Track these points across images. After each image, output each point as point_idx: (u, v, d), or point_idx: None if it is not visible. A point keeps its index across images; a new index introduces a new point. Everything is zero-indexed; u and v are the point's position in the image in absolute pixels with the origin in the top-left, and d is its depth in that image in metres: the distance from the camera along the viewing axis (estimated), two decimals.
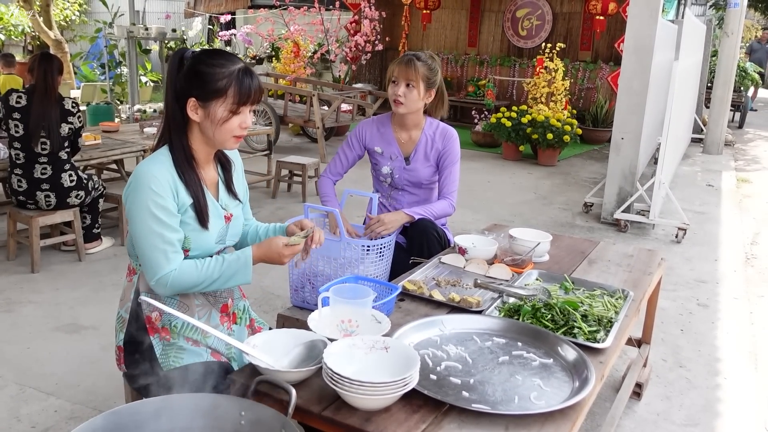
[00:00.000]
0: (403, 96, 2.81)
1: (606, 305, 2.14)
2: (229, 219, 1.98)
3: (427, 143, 2.97)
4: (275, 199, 6.41)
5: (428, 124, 3.00)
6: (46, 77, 4.03)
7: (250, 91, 1.83)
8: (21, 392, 2.85)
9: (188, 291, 1.86)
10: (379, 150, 3.00)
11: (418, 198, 3.03)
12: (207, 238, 1.89)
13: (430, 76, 2.84)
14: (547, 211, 6.35)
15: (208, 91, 1.79)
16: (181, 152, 1.85)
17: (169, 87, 1.85)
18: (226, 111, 1.81)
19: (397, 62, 2.87)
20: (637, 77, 5.58)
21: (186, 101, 1.81)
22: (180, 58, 1.85)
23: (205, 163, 1.93)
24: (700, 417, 2.88)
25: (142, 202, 1.77)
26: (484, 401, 1.57)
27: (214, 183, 1.98)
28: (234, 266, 1.86)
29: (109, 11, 11.90)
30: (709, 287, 4.51)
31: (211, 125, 1.83)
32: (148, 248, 1.78)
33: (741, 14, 9.75)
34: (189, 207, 1.84)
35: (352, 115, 9.07)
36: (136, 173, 1.80)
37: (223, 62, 1.81)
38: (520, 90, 11.11)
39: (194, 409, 1.45)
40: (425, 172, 2.97)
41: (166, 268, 1.78)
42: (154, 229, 1.77)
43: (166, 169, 1.81)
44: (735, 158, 10.16)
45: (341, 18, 11.28)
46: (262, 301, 3.80)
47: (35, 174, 4.10)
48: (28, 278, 4.15)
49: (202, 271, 1.82)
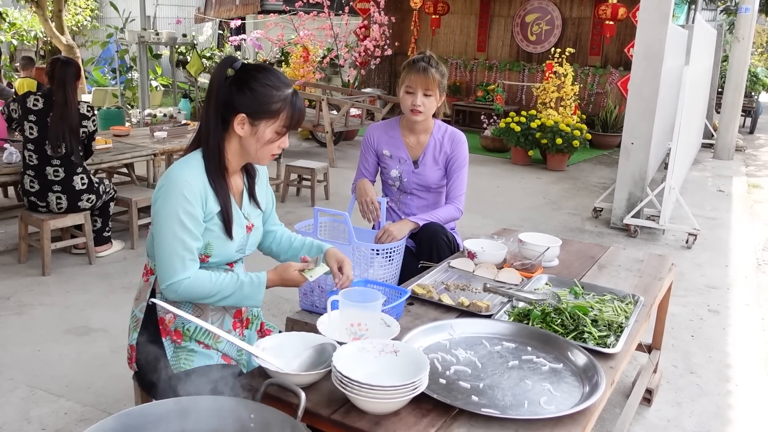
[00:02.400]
0: (422, 105, 2.80)
1: (616, 310, 2.13)
2: (251, 229, 1.99)
3: (436, 147, 2.96)
4: (284, 203, 6.42)
5: (437, 128, 2.99)
6: (66, 85, 4.06)
7: (300, 115, 1.85)
8: (31, 394, 2.86)
9: (197, 301, 1.86)
10: (387, 153, 3.00)
11: (427, 202, 3.02)
12: (229, 247, 1.90)
13: (442, 81, 2.84)
14: (557, 216, 6.33)
15: (262, 111, 1.80)
16: (215, 160, 1.85)
17: (213, 94, 1.83)
18: (273, 132, 1.83)
19: (410, 70, 2.82)
20: (647, 82, 5.56)
21: (233, 114, 1.81)
22: (228, 67, 1.83)
23: (234, 172, 1.94)
24: (711, 424, 2.86)
25: (171, 207, 1.77)
26: (494, 405, 1.56)
27: (240, 192, 1.98)
28: (248, 289, 1.86)
29: (120, 17, 11.98)
30: (720, 293, 4.48)
31: (255, 143, 1.83)
32: (167, 252, 1.78)
33: (752, 19, 9.70)
34: (216, 215, 1.85)
35: (361, 119, 9.08)
36: (169, 176, 1.79)
37: (279, 84, 1.82)
38: (530, 95, 11.09)
39: (204, 412, 1.45)
40: (434, 175, 2.97)
41: (181, 275, 1.79)
42: (177, 234, 1.77)
43: (198, 176, 1.81)
44: (746, 163, 10.10)
45: (350, 23, 11.32)
46: (271, 305, 3.80)
47: (48, 176, 4.14)
48: (39, 281, 4.17)
49: (215, 285, 1.83)
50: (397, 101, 3.61)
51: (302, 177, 6.58)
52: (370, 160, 3.05)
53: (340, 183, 6.98)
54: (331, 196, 6.62)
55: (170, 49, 9.88)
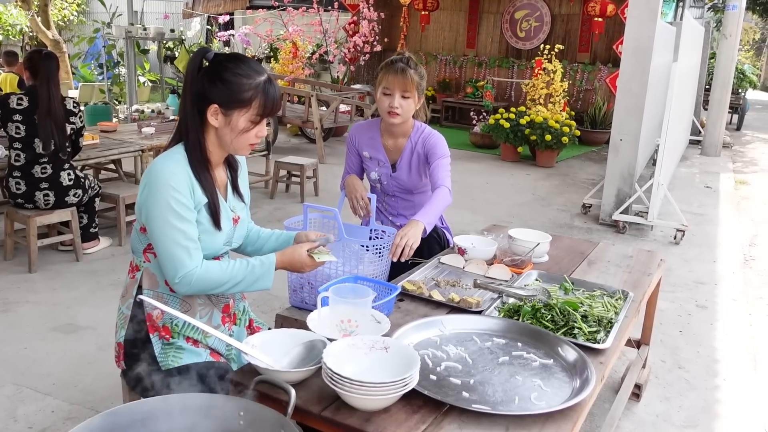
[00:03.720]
0: (400, 107, 2.70)
1: (606, 306, 2.13)
2: (237, 221, 1.97)
3: (412, 151, 2.86)
4: (273, 199, 6.40)
5: (415, 131, 2.86)
6: (49, 80, 4.01)
7: (273, 103, 1.82)
8: (18, 392, 2.83)
9: (210, 291, 1.84)
10: (367, 155, 2.94)
11: (413, 203, 2.95)
12: (217, 240, 1.88)
13: (421, 83, 2.75)
14: (546, 212, 6.35)
15: (233, 100, 1.77)
16: (197, 152, 1.83)
17: (188, 87, 1.82)
18: (247, 122, 1.80)
19: (388, 71, 2.72)
20: (635, 79, 5.58)
21: (206, 105, 1.79)
22: (201, 57, 1.82)
23: (217, 165, 1.92)
24: (699, 418, 2.88)
25: (161, 199, 1.74)
26: (485, 402, 1.56)
27: (224, 184, 1.97)
28: (258, 271, 1.85)
29: (107, 11, 11.89)
30: (707, 288, 4.51)
31: (230, 133, 1.81)
32: (169, 245, 1.75)
33: (739, 17, 9.77)
34: (203, 207, 1.83)
35: (351, 115, 9.06)
36: (153, 170, 1.77)
37: (250, 72, 1.79)
38: (519, 91, 11.12)
39: (193, 409, 1.43)
40: (412, 180, 2.89)
41: (189, 265, 1.76)
42: (175, 225, 1.75)
43: (182, 168, 1.79)
44: (733, 160, 10.18)
45: (340, 19, 11.28)
46: (260, 302, 3.79)
47: (35, 175, 4.10)
48: (26, 278, 4.13)
49: (227, 272, 1.81)
50: None
51: (291, 173, 6.56)
52: (354, 160, 3.00)
53: (330, 179, 6.97)
54: (321, 193, 6.61)
55: (158, 45, 9.82)
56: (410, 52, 2.87)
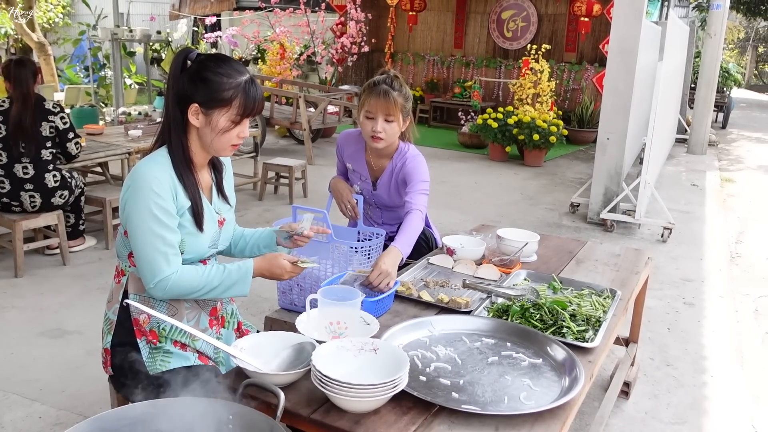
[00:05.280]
0: (383, 132, 2.61)
1: (594, 304, 2.14)
2: (222, 223, 1.97)
3: (392, 172, 2.81)
4: (262, 201, 6.38)
5: (398, 153, 2.78)
6: (21, 83, 4.07)
7: (255, 103, 1.81)
8: (4, 398, 2.81)
9: (185, 297, 1.83)
10: (350, 167, 2.92)
11: (397, 215, 2.90)
12: (201, 242, 1.87)
13: (406, 105, 2.65)
14: (534, 212, 6.37)
15: (213, 99, 1.77)
16: (180, 154, 1.82)
17: (171, 87, 1.81)
18: (228, 121, 1.79)
19: (370, 93, 2.62)
20: (622, 78, 5.61)
21: (188, 105, 1.79)
22: (184, 58, 1.81)
23: (201, 167, 1.91)
24: (687, 415, 2.90)
25: (143, 204, 1.73)
26: (474, 402, 1.56)
27: (209, 187, 1.96)
28: (234, 276, 1.84)
29: (92, 13, 11.79)
30: (694, 286, 4.54)
31: (210, 132, 1.81)
32: (148, 250, 1.75)
33: (723, 16, 9.86)
34: (186, 210, 1.82)
35: (339, 116, 9.05)
36: (136, 174, 1.76)
37: (231, 72, 1.78)
38: (506, 91, 11.15)
39: (181, 413, 1.43)
40: (391, 199, 2.86)
41: (166, 271, 1.76)
42: (155, 230, 1.74)
43: (165, 171, 1.78)
44: (719, 158, 10.26)
45: (327, 20, 11.26)
46: (249, 304, 3.77)
47: (17, 174, 4.08)
48: (12, 283, 4.10)
49: (202, 277, 1.81)
50: None
51: (280, 175, 6.54)
52: (341, 166, 2.99)
53: (318, 180, 6.95)
54: (310, 194, 6.59)
55: (144, 47, 9.75)
56: (398, 52, 2.84)
